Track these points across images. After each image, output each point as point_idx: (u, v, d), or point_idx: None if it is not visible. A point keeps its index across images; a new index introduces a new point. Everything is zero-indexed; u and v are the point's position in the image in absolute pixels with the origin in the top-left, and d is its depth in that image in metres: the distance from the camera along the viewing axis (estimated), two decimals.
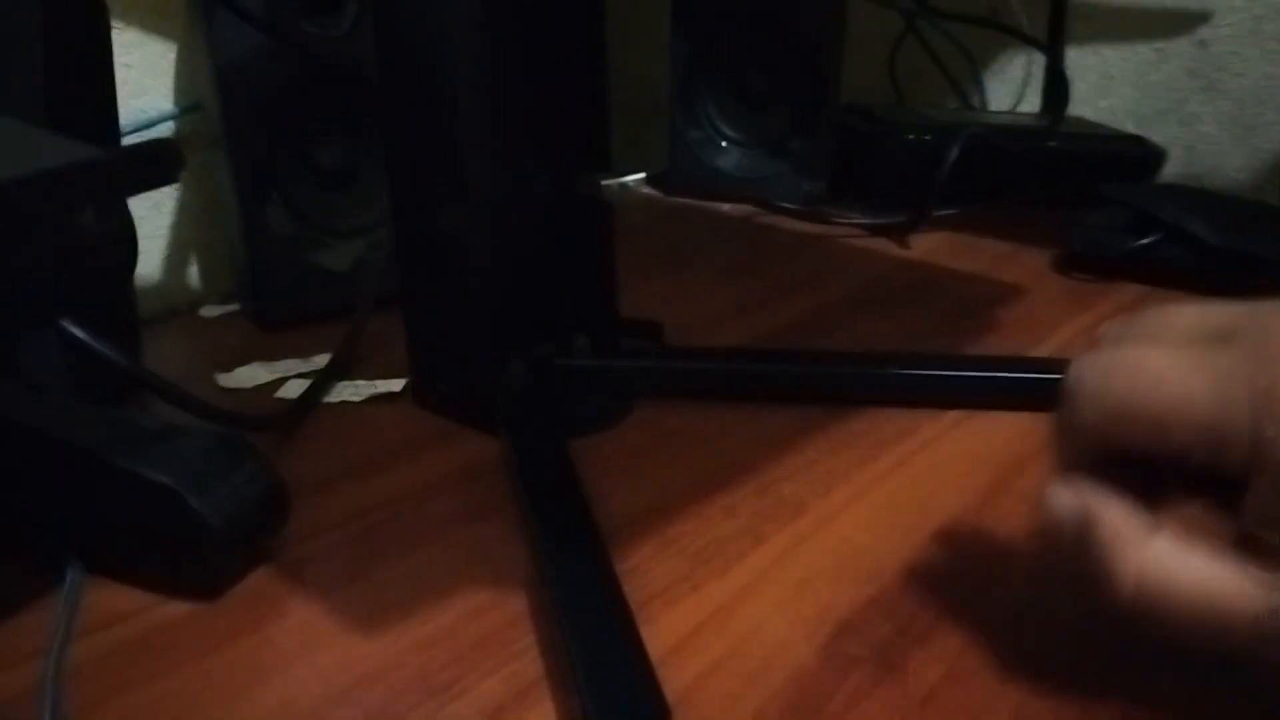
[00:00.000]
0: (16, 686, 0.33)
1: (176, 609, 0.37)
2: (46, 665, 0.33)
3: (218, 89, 0.58)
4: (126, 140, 0.60)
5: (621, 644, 0.32)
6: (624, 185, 0.47)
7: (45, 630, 0.35)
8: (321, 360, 0.56)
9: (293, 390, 0.54)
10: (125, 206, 0.50)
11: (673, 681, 0.32)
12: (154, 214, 0.67)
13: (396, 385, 0.54)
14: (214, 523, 0.36)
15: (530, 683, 0.33)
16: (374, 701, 0.33)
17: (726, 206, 0.90)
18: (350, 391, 0.54)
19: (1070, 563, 0.29)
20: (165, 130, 0.66)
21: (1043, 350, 0.58)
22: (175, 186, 0.68)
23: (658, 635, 0.35)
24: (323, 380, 0.53)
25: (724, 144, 0.91)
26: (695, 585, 0.38)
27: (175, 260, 0.69)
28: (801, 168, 0.88)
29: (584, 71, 0.48)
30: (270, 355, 0.59)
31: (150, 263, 0.68)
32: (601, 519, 0.40)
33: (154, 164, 0.27)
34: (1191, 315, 0.30)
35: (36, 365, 0.45)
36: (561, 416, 0.48)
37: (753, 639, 0.35)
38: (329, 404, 0.53)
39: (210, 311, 0.68)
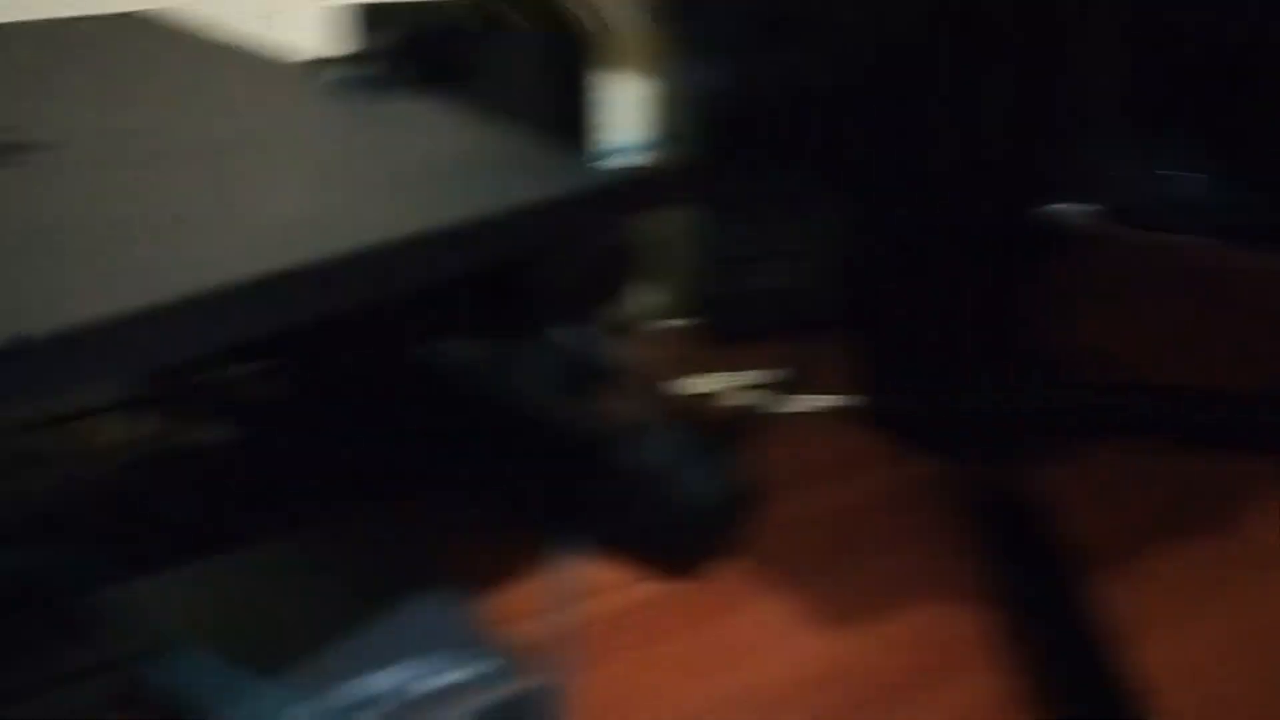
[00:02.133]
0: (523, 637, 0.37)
1: (653, 587, 0.40)
2: (549, 623, 0.38)
3: (683, 123, 0.63)
4: None
5: (1099, 669, 0.32)
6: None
7: (542, 595, 0.40)
8: (775, 374, 0.59)
9: (748, 399, 0.57)
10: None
11: None
12: None
13: (847, 401, 0.56)
14: (693, 510, 0.39)
15: (991, 699, 0.33)
16: (829, 701, 0.34)
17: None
18: (803, 404, 0.56)
19: None
20: (635, 161, 0.72)
21: None
22: None
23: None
24: (776, 391, 0.56)
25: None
26: (1177, 619, 0.37)
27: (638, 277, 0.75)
28: None
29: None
30: (725, 367, 0.62)
31: None
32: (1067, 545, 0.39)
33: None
34: None
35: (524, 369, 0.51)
36: (1019, 443, 0.47)
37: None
38: (782, 414, 0.56)
39: (669, 324, 0.73)
